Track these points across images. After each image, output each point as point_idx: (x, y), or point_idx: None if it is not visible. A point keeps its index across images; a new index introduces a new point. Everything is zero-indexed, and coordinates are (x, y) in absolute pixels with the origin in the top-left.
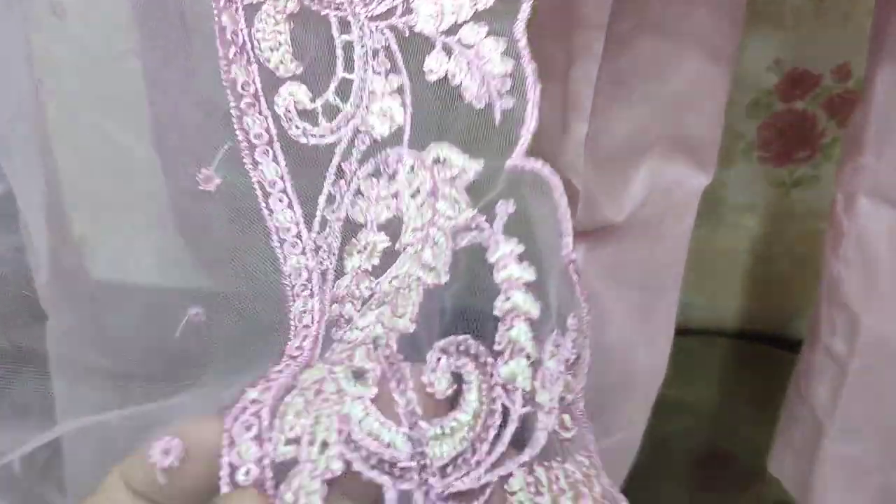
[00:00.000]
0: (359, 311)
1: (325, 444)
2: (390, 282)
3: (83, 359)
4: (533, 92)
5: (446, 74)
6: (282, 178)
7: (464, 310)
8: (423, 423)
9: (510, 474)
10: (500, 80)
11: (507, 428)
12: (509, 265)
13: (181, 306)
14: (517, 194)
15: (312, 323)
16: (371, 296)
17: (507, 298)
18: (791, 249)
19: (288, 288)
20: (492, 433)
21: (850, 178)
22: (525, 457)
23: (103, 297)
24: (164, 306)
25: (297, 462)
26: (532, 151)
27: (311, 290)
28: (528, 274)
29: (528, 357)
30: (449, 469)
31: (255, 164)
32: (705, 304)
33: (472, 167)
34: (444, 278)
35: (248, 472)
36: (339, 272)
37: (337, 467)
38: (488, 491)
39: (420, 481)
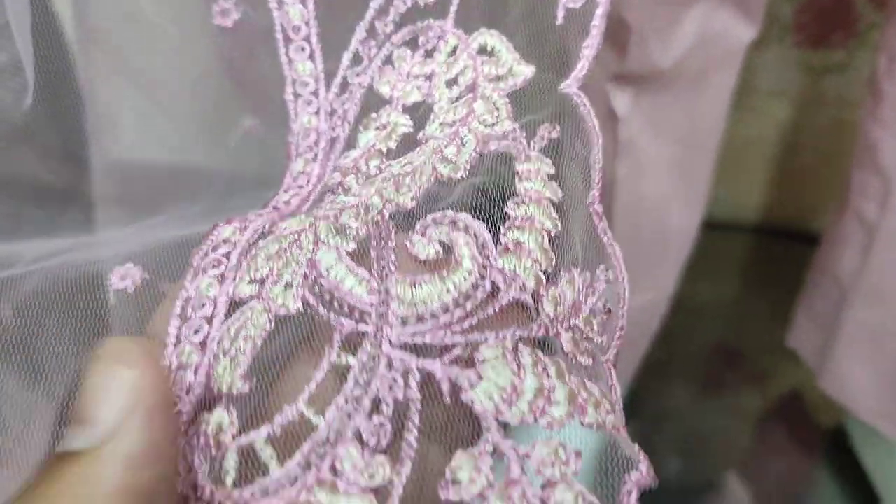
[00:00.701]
0: (360, 183)
1: (287, 285)
2: (403, 166)
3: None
4: None
5: None
6: (307, 23)
7: (475, 204)
8: (392, 277)
9: (485, 340)
10: None
11: (493, 303)
12: (535, 179)
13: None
14: (563, 123)
15: (307, 185)
16: (378, 174)
17: (524, 203)
18: (818, 140)
19: (293, 146)
20: (471, 304)
21: (893, 39)
22: (507, 333)
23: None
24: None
25: (253, 298)
26: None
27: (315, 153)
28: (553, 193)
29: (536, 262)
30: (411, 321)
31: (281, 3)
32: (726, 196)
33: (522, 72)
34: (462, 174)
35: (202, 306)
36: (351, 143)
37: (292, 305)
38: (454, 352)
39: (376, 327)
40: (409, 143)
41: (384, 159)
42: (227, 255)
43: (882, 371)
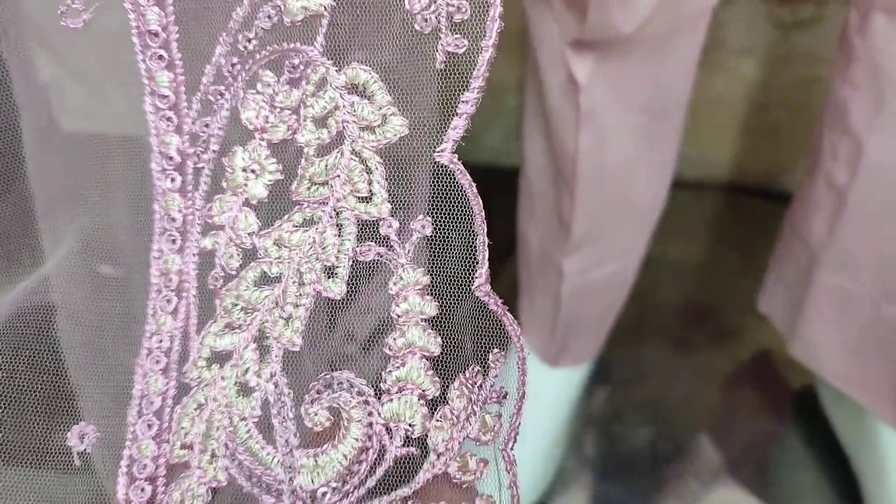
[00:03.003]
0: (237, 266)
1: (213, 455)
2: (276, 244)
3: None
4: (489, 37)
5: None
6: (165, 28)
7: (355, 334)
8: (296, 453)
9: None
10: (457, 0)
11: (381, 466)
12: (410, 297)
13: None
14: (437, 210)
15: (179, 220)
16: (252, 250)
17: (402, 334)
18: (787, 97)
19: (157, 172)
20: (364, 467)
21: None
22: (395, 497)
23: (74, 148)
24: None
25: (189, 466)
26: None
27: (180, 185)
28: (430, 308)
29: (421, 395)
30: (319, 494)
31: (136, 5)
32: (696, 154)
33: (395, 127)
34: (341, 288)
35: (144, 467)
36: (216, 181)
37: (222, 478)
38: None
39: (292, 502)
40: (280, 197)
41: (255, 219)
42: (158, 414)
43: (849, 336)
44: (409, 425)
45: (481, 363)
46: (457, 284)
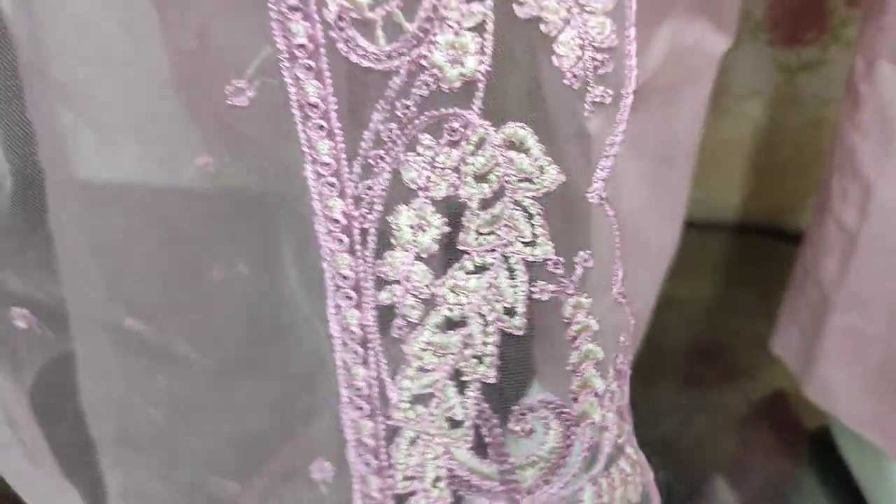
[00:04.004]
0: (419, 315)
1: (437, 479)
2: (453, 290)
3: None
4: (630, 85)
5: (540, 16)
6: (324, 100)
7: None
8: (511, 459)
9: (581, 488)
10: (600, 54)
11: (578, 456)
12: (581, 320)
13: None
14: (594, 243)
15: (350, 280)
16: (432, 298)
17: (579, 351)
18: (795, 139)
19: (323, 235)
20: (567, 460)
21: (871, 40)
22: (594, 471)
23: (90, 198)
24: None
25: (415, 493)
26: None
27: (348, 245)
28: (595, 324)
29: (596, 394)
30: (533, 488)
31: (296, 80)
32: (705, 197)
33: (552, 176)
34: (523, 322)
35: (373, 499)
36: (384, 238)
37: (448, 496)
38: (564, 502)
39: (509, 499)
40: (449, 250)
41: (429, 271)
42: (375, 453)
43: (864, 377)
44: (592, 421)
45: (617, 350)
46: (603, 296)
